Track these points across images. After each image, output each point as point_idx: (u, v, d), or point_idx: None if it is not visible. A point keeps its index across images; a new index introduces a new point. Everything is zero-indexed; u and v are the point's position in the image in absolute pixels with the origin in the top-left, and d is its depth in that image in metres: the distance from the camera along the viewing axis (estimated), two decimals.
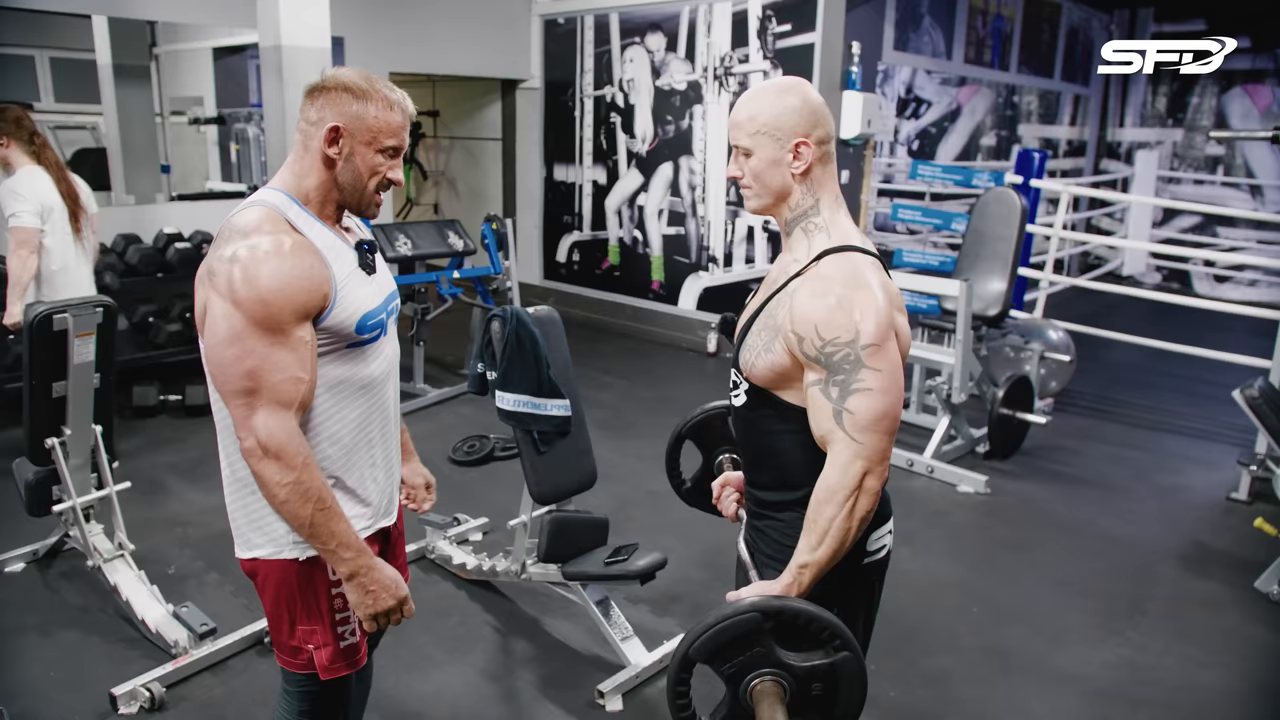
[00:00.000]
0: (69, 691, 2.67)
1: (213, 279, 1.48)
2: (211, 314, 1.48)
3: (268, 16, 4.62)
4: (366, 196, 1.62)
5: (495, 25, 7.51)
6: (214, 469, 4.44)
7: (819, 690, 1.39)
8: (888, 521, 1.60)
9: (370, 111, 1.55)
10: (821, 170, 1.52)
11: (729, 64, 6.44)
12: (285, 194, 1.58)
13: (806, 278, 1.47)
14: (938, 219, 5.98)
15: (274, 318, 1.46)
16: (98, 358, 3.08)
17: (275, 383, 1.47)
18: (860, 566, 1.57)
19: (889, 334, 1.42)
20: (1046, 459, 4.80)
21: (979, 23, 7.78)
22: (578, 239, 7.82)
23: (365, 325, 1.60)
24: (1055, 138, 9.61)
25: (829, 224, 1.52)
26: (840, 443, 1.42)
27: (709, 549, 3.56)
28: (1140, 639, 3.13)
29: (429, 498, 2.02)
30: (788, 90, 1.51)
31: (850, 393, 1.40)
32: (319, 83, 1.58)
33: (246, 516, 1.64)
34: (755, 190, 1.54)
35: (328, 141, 1.55)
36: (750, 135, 1.50)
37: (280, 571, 1.64)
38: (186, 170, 6.93)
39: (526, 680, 2.82)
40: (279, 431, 1.47)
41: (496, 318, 2.84)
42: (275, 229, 1.51)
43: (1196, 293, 9.22)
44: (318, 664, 1.66)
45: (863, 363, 1.40)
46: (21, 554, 3.38)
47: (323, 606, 1.65)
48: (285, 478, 1.47)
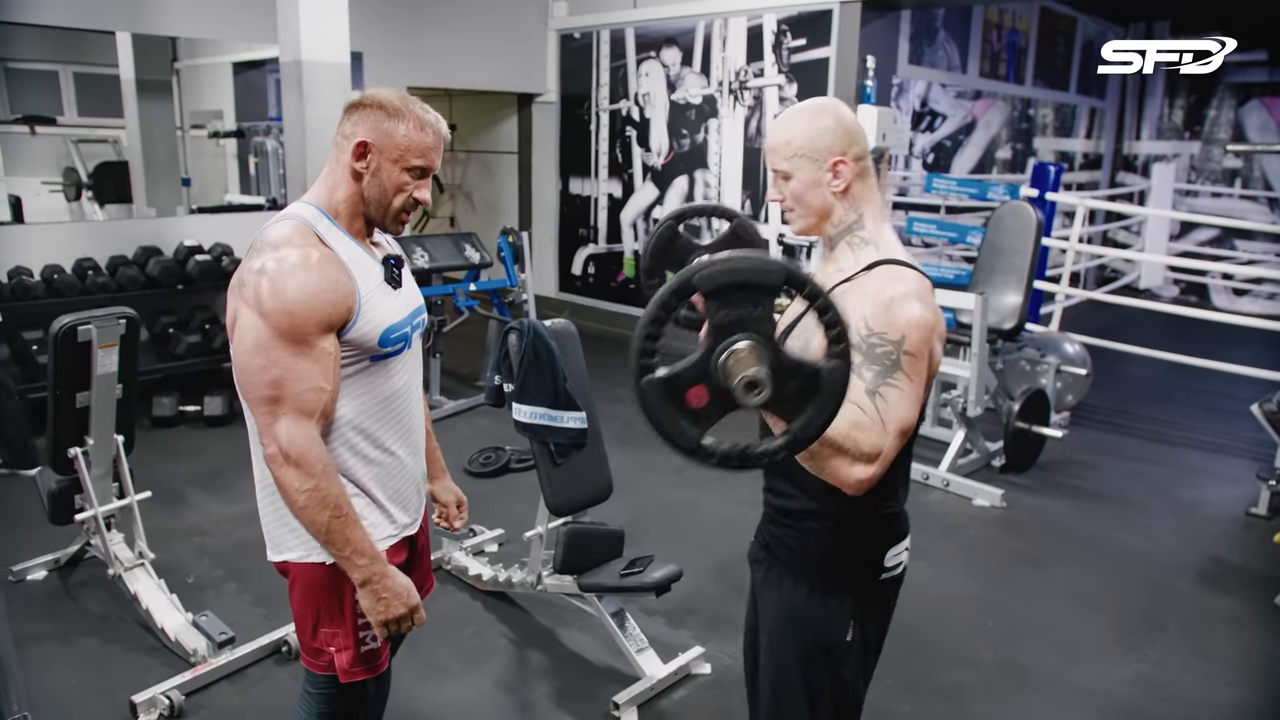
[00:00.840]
0: (90, 698, 2.70)
1: (242, 290, 1.53)
2: (240, 324, 1.53)
3: (288, 32, 4.69)
4: (391, 213, 1.64)
5: (512, 40, 7.57)
6: (232, 479, 4.51)
7: (791, 390, 1.21)
8: (905, 539, 1.60)
9: (400, 130, 1.58)
10: (862, 185, 1.52)
11: (744, 78, 6.48)
12: (316, 208, 1.63)
13: (858, 281, 1.47)
14: (953, 232, 5.98)
15: (298, 329, 1.50)
16: (120, 369, 3.13)
17: (298, 392, 1.51)
18: (877, 582, 1.57)
19: (926, 351, 1.42)
20: (1063, 473, 4.78)
21: (994, 36, 7.80)
22: (593, 252, 7.85)
23: (388, 339, 1.63)
24: (1071, 151, 9.59)
25: (875, 237, 1.52)
26: (875, 419, 1.37)
27: (724, 562, 3.56)
28: (1158, 655, 3.11)
29: (461, 516, 2.05)
30: (821, 111, 1.52)
31: (884, 384, 1.39)
32: (356, 100, 1.62)
33: (279, 520, 1.67)
34: (799, 212, 1.55)
35: (355, 156, 1.59)
36: (787, 159, 1.51)
37: (308, 574, 1.67)
38: (206, 183, 7.01)
39: (541, 691, 2.83)
40: (300, 439, 1.51)
41: (513, 330, 2.86)
42: (304, 242, 1.55)
43: (1214, 306, 9.16)
44: (338, 666, 1.69)
45: (900, 366, 1.39)
46: (44, 562, 3.42)
47: (346, 610, 1.68)
48: (304, 484, 1.50)
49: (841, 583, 1.55)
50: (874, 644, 1.62)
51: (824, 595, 1.55)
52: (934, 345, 1.45)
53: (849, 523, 1.53)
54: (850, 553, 1.55)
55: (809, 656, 1.57)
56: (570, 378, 2.87)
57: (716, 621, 3.20)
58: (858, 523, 1.53)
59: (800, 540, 1.57)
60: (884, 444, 1.38)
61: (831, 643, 1.56)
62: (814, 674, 1.57)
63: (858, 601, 1.55)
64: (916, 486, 4.48)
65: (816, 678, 1.57)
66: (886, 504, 1.55)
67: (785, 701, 1.60)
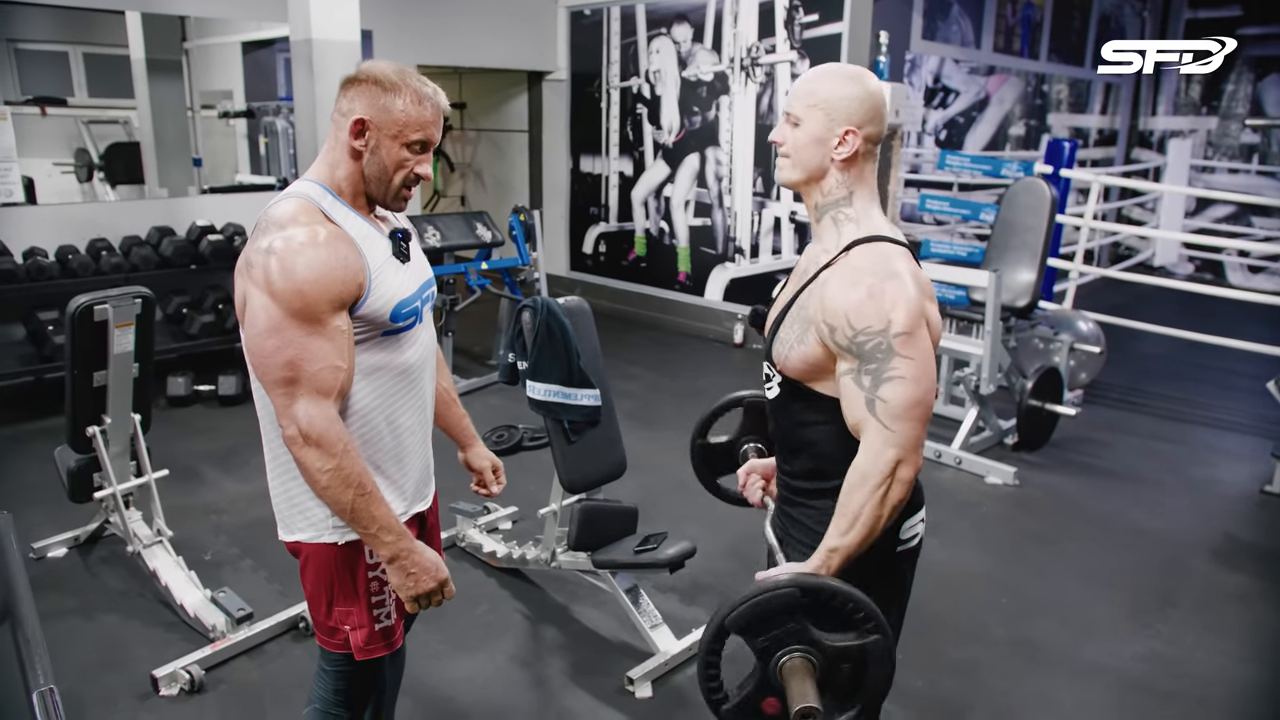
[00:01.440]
0: (111, 673, 2.74)
1: (250, 271, 1.51)
2: (250, 306, 1.51)
3: (298, 11, 4.67)
4: (392, 190, 1.61)
5: (522, 18, 7.53)
6: (247, 457, 4.54)
7: (847, 670, 1.41)
8: (920, 510, 1.61)
9: (398, 105, 1.55)
10: (863, 165, 1.52)
11: (755, 55, 6.42)
12: (319, 184, 1.60)
13: (837, 268, 1.48)
14: (966, 209, 5.94)
15: (311, 308, 1.48)
16: (136, 348, 3.15)
17: (314, 372, 1.49)
18: (894, 555, 1.57)
19: (920, 322, 1.43)
20: (1076, 451, 4.77)
21: (1008, 11, 7.70)
22: (604, 230, 7.83)
23: (400, 313, 1.62)
24: (1086, 127, 9.49)
25: (859, 215, 1.52)
26: (873, 430, 1.43)
27: (737, 538, 3.57)
28: (1170, 632, 3.12)
29: (498, 480, 2.05)
30: (855, 78, 1.51)
31: (883, 381, 1.41)
32: (352, 75, 1.59)
33: (288, 501, 1.67)
34: (791, 161, 1.54)
35: (354, 134, 1.57)
36: (805, 106, 1.51)
37: (320, 554, 1.67)
38: (217, 163, 7.02)
39: (556, 667, 2.86)
40: (319, 419, 1.49)
41: (527, 308, 2.86)
42: (310, 220, 1.53)
43: (1230, 283, 9.08)
44: (353, 644, 1.70)
45: (895, 351, 1.40)
46: (64, 539, 3.46)
47: (360, 589, 1.69)
48: (326, 464, 1.50)
49: (859, 557, 1.55)
50: (893, 618, 1.62)
51: (841, 571, 1.56)
52: (926, 309, 1.46)
53: None
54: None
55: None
56: (584, 355, 2.88)
57: (729, 598, 3.21)
58: None
59: (816, 518, 1.57)
60: (895, 442, 1.41)
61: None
62: None
63: (875, 575, 1.56)
64: (929, 464, 4.48)
65: None
66: None
67: None
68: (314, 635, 1.79)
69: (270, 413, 1.59)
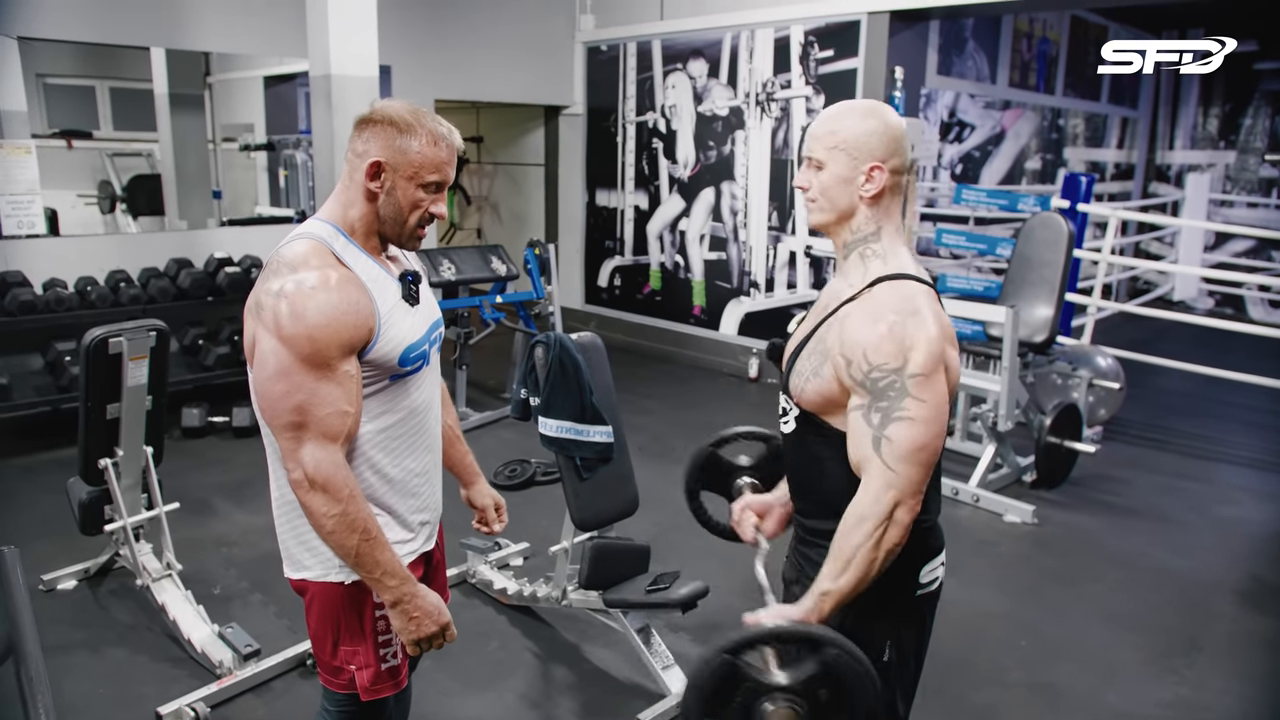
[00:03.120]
0: (117, 709, 2.71)
1: (260, 313, 1.51)
2: (260, 349, 1.51)
3: (318, 47, 4.74)
4: (407, 230, 1.62)
5: (539, 53, 7.61)
6: (260, 490, 4.50)
7: (826, 695, 1.35)
8: (940, 554, 1.57)
9: (414, 146, 1.55)
10: (890, 200, 1.50)
11: (771, 90, 6.46)
12: (332, 225, 1.60)
13: (859, 302, 1.46)
14: (982, 244, 5.91)
15: (320, 353, 1.48)
16: (150, 380, 3.15)
17: (322, 416, 1.49)
18: (914, 599, 1.54)
19: (938, 366, 1.40)
20: (1096, 489, 4.69)
21: (1024, 46, 7.73)
22: (619, 264, 7.85)
23: (408, 357, 1.62)
24: (1103, 161, 9.47)
25: (887, 252, 1.50)
26: (875, 470, 1.40)
27: (751, 578, 3.50)
28: (1197, 677, 3.04)
29: (500, 520, 2.05)
30: (872, 113, 1.50)
31: (892, 420, 1.38)
32: (366, 115, 1.59)
33: (295, 538, 1.67)
34: (820, 205, 1.52)
35: (369, 176, 1.57)
36: (827, 149, 1.49)
37: (326, 593, 1.66)
38: (237, 195, 7.10)
39: (566, 707, 2.81)
40: (326, 464, 1.49)
41: (540, 344, 2.85)
42: (321, 263, 1.53)
43: (1251, 318, 9.00)
44: (359, 685, 1.68)
45: (908, 391, 1.38)
46: (74, 571, 3.45)
47: (366, 629, 1.67)
48: (332, 509, 1.50)
49: (877, 602, 1.52)
50: (912, 663, 1.59)
51: (859, 615, 1.52)
52: (945, 352, 1.43)
53: None
54: (885, 571, 1.52)
55: None
56: (596, 391, 2.86)
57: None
58: None
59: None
60: (896, 485, 1.39)
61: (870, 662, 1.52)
62: None
63: (894, 620, 1.52)
64: (946, 502, 4.39)
65: None
66: (920, 518, 1.52)
67: None
68: (318, 675, 1.76)
69: (277, 451, 1.58)
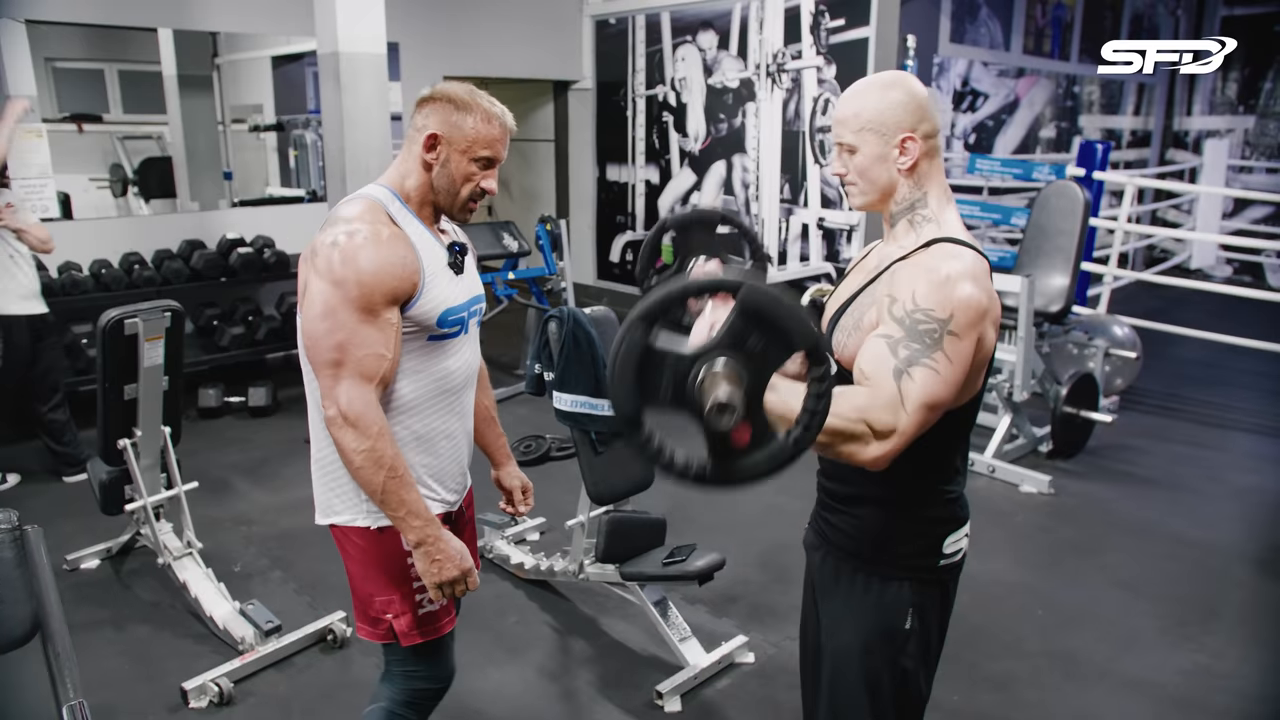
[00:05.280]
0: (142, 685, 2.75)
1: (314, 259, 1.60)
2: (310, 291, 1.60)
3: (326, 24, 4.70)
4: (459, 201, 1.71)
5: (547, 27, 7.55)
6: (277, 468, 4.56)
7: (756, 341, 1.16)
8: (964, 525, 1.56)
9: (469, 122, 1.66)
10: (928, 164, 1.48)
11: (782, 60, 6.39)
12: (389, 190, 1.70)
13: (914, 259, 1.43)
14: (996, 214, 5.86)
15: (365, 297, 1.57)
16: (166, 361, 3.17)
17: (360, 356, 1.58)
18: (937, 569, 1.53)
19: (975, 334, 1.36)
20: (1112, 458, 4.67)
21: (1038, 12, 7.62)
22: (631, 239, 7.82)
23: (446, 319, 1.70)
24: (1118, 128, 9.36)
25: (937, 215, 1.48)
26: (887, 397, 1.33)
27: (767, 549, 3.53)
28: (1216, 645, 3.03)
29: (526, 502, 2.11)
30: (892, 85, 1.47)
31: (919, 363, 1.34)
32: (428, 94, 1.70)
33: (325, 484, 1.75)
34: (861, 187, 1.50)
35: (426, 147, 1.67)
36: (855, 132, 1.47)
37: (358, 541, 1.74)
38: (248, 176, 7.09)
39: (585, 680, 2.83)
40: (358, 401, 1.57)
41: (554, 318, 2.85)
42: (375, 219, 1.63)
43: (1270, 286, 8.90)
44: (398, 631, 1.75)
45: (941, 345, 1.34)
46: (96, 551, 3.49)
47: (400, 576, 1.74)
48: (361, 444, 1.57)
49: (901, 570, 1.51)
50: (935, 633, 1.58)
51: (883, 582, 1.52)
52: (985, 329, 1.39)
53: (907, 508, 1.50)
54: (909, 539, 1.51)
55: (869, 643, 1.53)
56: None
57: (759, 610, 3.18)
58: (917, 508, 1.50)
59: (857, 526, 1.53)
60: (900, 421, 1.32)
61: (891, 631, 1.52)
62: (873, 663, 1.54)
63: (917, 589, 1.52)
64: None
65: (875, 667, 1.54)
66: (947, 488, 1.51)
67: (843, 691, 1.57)
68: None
69: (318, 398, 1.65)
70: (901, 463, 1.38)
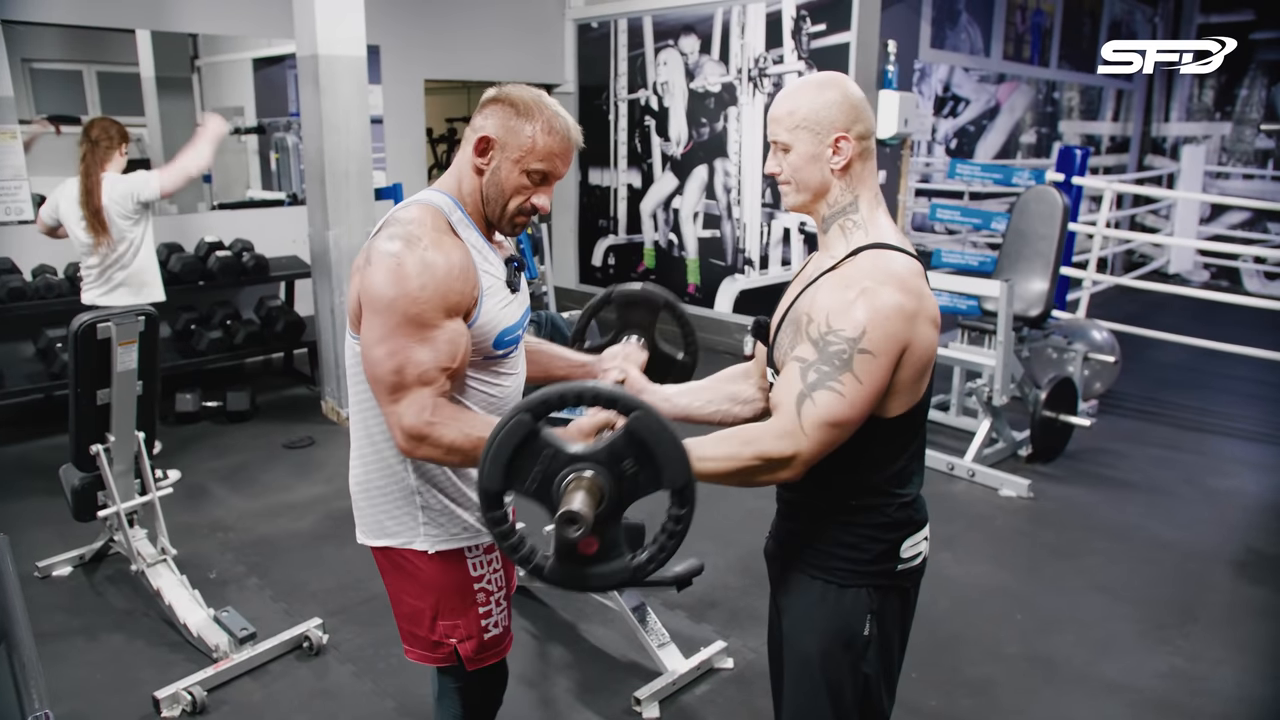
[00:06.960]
0: (113, 694, 2.71)
1: (369, 269, 1.50)
2: (365, 309, 1.50)
3: (305, 27, 4.68)
4: (506, 215, 1.59)
5: (528, 30, 7.53)
6: (255, 474, 4.53)
7: (631, 466, 1.24)
8: (923, 528, 1.55)
9: (526, 130, 1.53)
10: (861, 166, 1.48)
11: (763, 65, 6.41)
12: (449, 197, 1.59)
13: (839, 270, 1.44)
14: (977, 218, 5.89)
15: (423, 315, 1.47)
16: (140, 365, 3.13)
17: (418, 375, 1.48)
18: (895, 574, 1.53)
19: (893, 348, 1.36)
20: (1091, 462, 4.70)
21: (1018, 18, 7.66)
22: (613, 243, 7.81)
23: (502, 340, 1.62)
24: (1097, 134, 9.43)
25: (867, 221, 1.48)
26: (787, 423, 1.36)
27: (746, 554, 3.52)
28: (1193, 649, 3.05)
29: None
30: (827, 85, 1.47)
31: (824, 387, 1.35)
32: (491, 94, 1.58)
33: (374, 505, 1.67)
34: (793, 186, 1.50)
35: (477, 151, 1.56)
36: (789, 130, 1.47)
37: (418, 565, 1.67)
38: (228, 179, 7.03)
39: (563, 686, 2.81)
40: (418, 414, 1.47)
41: (532, 322, 2.83)
42: (435, 227, 1.52)
43: (1247, 290, 8.99)
44: (463, 655, 1.71)
45: (850, 366, 1.34)
46: (68, 558, 3.44)
47: (469, 600, 1.69)
48: (437, 453, 1.49)
49: (857, 576, 1.51)
50: (896, 639, 1.58)
51: (840, 589, 1.51)
52: (916, 332, 1.38)
53: (861, 514, 1.50)
54: (864, 544, 1.50)
55: (828, 651, 1.53)
56: None
57: (738, 615, 3.17)
58: (870, 513, 1.50)
59: (813, 534, 1.53)
60: (800, 445, 1.35)
61: (850, 637, 1.52)
62: (833, 669, 1.53)
63: (875, 595, 1.51)
64: (941, 477, 4.43)
65: (836, 673, 1.53)
66: (900, 492, 1.50)
67: (806, 697, 1.57)
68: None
69: (362, 413, 1.60)
70: (849, 470, 1.40)
